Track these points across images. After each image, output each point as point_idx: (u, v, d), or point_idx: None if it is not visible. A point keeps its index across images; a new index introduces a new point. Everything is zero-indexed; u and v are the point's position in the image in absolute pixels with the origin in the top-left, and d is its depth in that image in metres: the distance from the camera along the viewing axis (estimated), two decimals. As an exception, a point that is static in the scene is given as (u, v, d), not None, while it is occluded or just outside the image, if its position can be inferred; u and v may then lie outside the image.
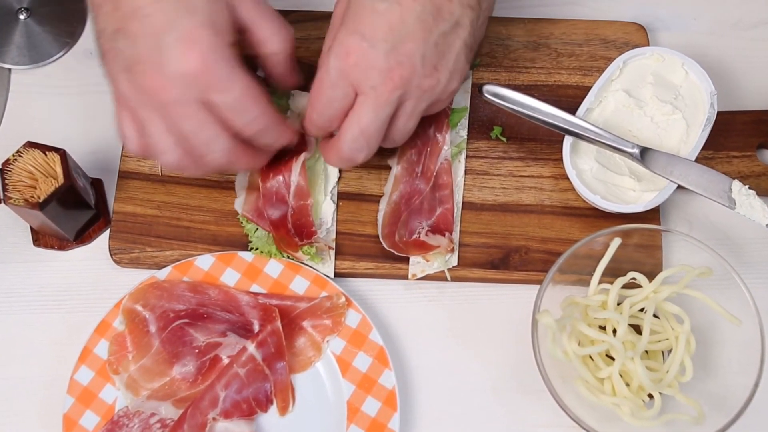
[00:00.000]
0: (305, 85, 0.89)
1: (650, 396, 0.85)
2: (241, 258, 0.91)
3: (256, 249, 0.91)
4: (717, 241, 0.94)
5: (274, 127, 0.82)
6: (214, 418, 0.85)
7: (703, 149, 0.90)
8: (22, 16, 1.03)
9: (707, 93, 0.92)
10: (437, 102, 0.85)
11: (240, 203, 0.92)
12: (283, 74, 0.87)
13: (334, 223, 0.93)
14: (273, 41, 0.84)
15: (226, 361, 0.88)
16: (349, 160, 0.84)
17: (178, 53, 0.76)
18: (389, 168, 0.95)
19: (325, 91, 0.82)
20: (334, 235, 0.93)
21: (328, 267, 0.91)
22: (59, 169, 0.87)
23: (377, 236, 0.92)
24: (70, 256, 0.94)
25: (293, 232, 0.90)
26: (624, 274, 0.86)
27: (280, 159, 0.89)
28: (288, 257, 0.91)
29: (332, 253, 0.91)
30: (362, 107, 0.81)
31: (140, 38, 0.77)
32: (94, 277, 0.93)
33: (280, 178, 0.90)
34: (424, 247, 0.90)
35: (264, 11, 0.83)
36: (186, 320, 0.88)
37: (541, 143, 0.97)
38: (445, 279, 0.91)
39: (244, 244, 0.92)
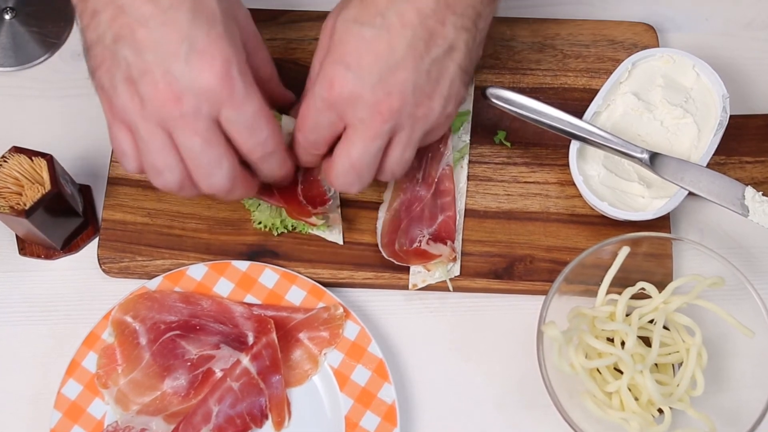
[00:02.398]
0: (295, 103, 0.90)
1: (660, 411, 0.85)
2: (234, 267, 0.91)
3: (260, 223, 0.92)
4: (729, 250, 0.94)
5: (279, 152, 0.82)
6: (206, 434, 0.86)
7: (714, 154, 0.90)
8: (7, 16, 1.04)
9: (719, 96, 0.92)
10: (434, 129, 0.83)
11: None
12: (281, 94, 0.90)
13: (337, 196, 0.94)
14: (270, 65, 0.86)
15: (219, 374, 0.88)
16: (343, 191, 0.84)
17: (195, 65, 0.74)
18: (389, 174, 0.95)
19: (312, 116, 0.81)
20: (339, 202, 0.94)
21: (336, 235, 0.93)
22: (46, 175, 0.87)
23: (376, 245, 0.92)
24: (57, 266, 0.95)
25: (305, 202, 0.91)
26: (633, 284, 0.86)
27: None
28: (294, 228, 0.92)
29: (340, 226, 0.93)
30: (351, 140, 0.80)
31: (149, 47, 0.74)
32: (82, 288, 0.94)
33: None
34: (425, 256, 0.91)
35: (258, 35, 0.85)
36: (177, 332, 0.89)
37: (547, 148, 0.97)
38: (447, 289, 0.92)
39: (238, 253, 0.93)
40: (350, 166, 0.81)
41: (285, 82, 0.97)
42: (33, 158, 0.88)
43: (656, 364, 0.88)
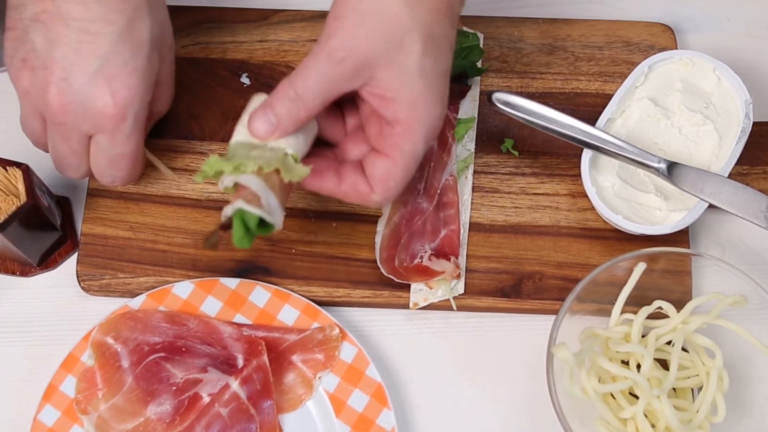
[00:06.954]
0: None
1: (679, 439, 0.86)
2: (223, 285, 0.92)
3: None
4: (752, 266, 0.95)
5: (119, 183, 0.89)
6: (193, 464, 0.86)
7: (737, 164, 0.91)
8: (-20, 16, 1.04)
9: (742, 101, 0.92)
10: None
11: None
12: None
13: None
14: (165, 106, 0.92)
15: (206, 399, 0.88)
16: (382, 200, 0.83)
17: (97, 87, 0.80)
18: (388, 185, 0.95)
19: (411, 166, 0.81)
20: None
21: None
22: (21, 186, 0.88)
23: (375, 261, 0.93)
24: (33, 283, 0.95)
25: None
26: (649, 303, 0.86)
27: None
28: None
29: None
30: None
31: (61, 46, 0.79)
32: (60, 307, 0.94)
33: None
34: (427, 273, 0.91)
35: (173, 71, 0.91)
36: (162, 354, 0.89)
37: (557, 157, 0.98)
38: (450, 308, 0.92)
39: (226, 270, 0.93)
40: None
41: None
42: (7, 168, 0.88)
43: (674, 389, 0.88)
